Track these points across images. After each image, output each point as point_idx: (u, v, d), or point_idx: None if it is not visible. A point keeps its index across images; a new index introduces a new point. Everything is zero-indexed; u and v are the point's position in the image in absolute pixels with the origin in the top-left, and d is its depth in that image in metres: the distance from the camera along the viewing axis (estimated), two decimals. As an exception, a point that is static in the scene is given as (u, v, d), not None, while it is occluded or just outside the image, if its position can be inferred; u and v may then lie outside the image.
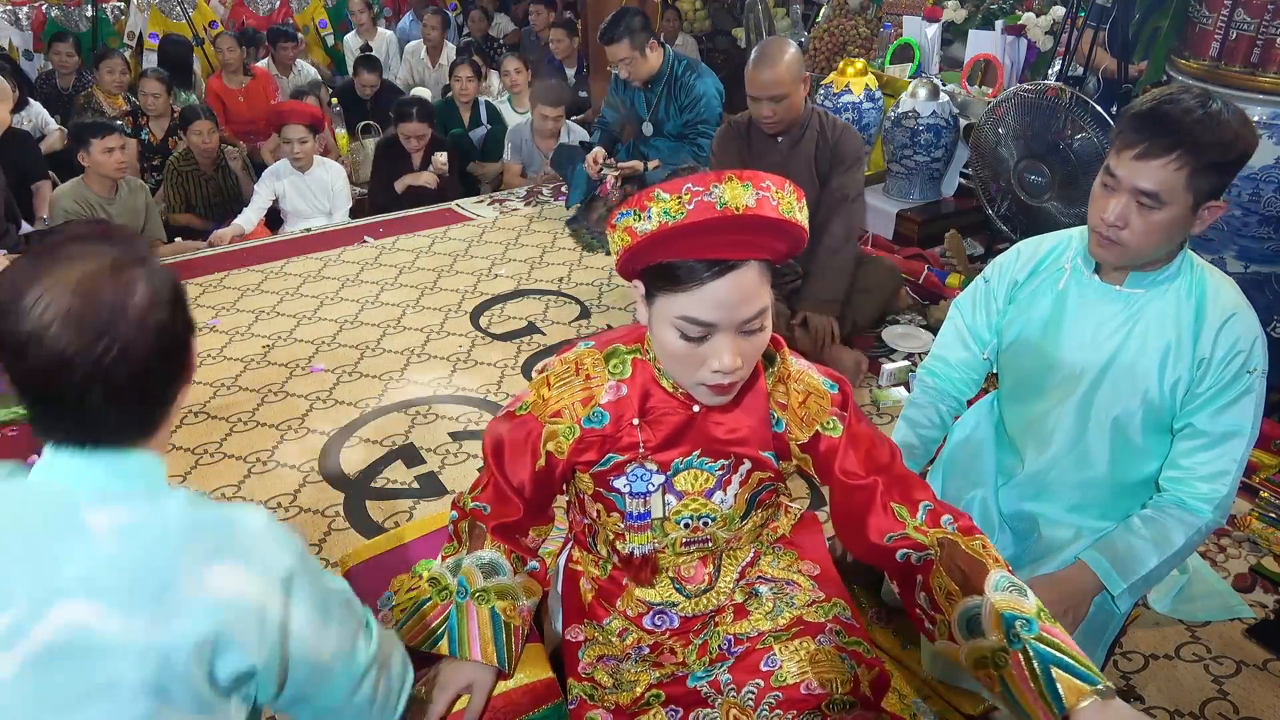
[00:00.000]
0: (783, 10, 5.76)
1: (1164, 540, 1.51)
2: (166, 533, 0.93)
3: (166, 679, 0.88)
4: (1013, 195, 3.34)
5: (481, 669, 1.29)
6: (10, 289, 0.90)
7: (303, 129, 4.24)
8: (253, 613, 0.93)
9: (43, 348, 0.88)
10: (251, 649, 0.93)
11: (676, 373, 1.19)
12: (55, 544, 0.90)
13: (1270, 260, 2.82)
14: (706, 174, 1.05)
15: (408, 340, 3.35)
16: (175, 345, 0.97)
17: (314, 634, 0.99)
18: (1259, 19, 2.67)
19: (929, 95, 3.86)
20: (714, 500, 1.30)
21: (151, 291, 0.93)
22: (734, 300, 1.08)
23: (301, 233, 4.39)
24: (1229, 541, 2.24)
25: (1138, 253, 1.49)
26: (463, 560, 1.34)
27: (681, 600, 1.39)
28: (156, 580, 0.90)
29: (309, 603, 0.98)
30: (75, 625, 0.87)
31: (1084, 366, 1.60)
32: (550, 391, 1.29)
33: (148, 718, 0.88)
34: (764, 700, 1.22)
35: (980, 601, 1.12)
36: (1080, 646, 1.50)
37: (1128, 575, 1.50)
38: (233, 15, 7.27)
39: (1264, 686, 1.85)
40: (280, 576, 0.96)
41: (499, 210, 4.61)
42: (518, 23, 7.69)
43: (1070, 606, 1.51)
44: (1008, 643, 1.08)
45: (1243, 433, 1.49)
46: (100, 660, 0.87)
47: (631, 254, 1.10)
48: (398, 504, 2.44)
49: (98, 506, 0.92)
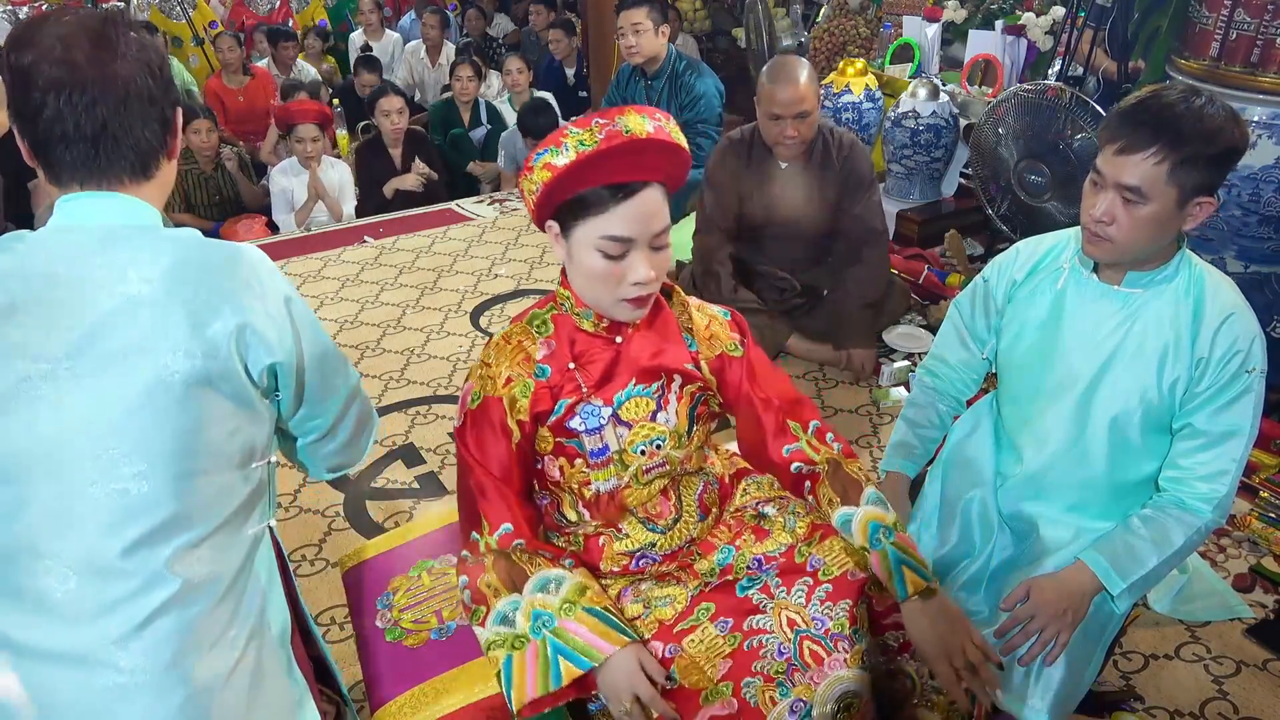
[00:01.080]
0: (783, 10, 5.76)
1: (1163, 540, 1.52)
2: (189, 255, 1.10)
3: (213, 369, 1.06)
4: (1013, 195, 3.34)
5: (625, 652, 1.26)
6: (24, 26, 1.08)
7: (314, 128, 4.25)
8: (270, 314, 1.12)
9: (46, 71, 1.04)
10: (274, 345, 1.12)
11: (598, 295, 1.32)
12: (97, 269, 1.06)
13: (1270, 260, 2.82)
14: (609, 109, 1.24)
15: (408, 340, 3.35)
16: (161, 89, 1.13)
17: (315, 340, 1.20)
18: (1259, 19, 2.67)
19: (929, 95, 3.86)
20: (659, 421, 1.39)
21: (137, 38, 1.11)
22: (645, 215, 1.25)
23: (302, 233, 4.39)
24: (1229, 541, 2.24)
25: (1127, 249, 1.49)
26: (517, 602, 1.29)
27: (657, 538, 1.43)
28: (190, 289, 1.07)
29: (306, 317, 1.19)
30: (122, 337, 1.04)
31: (1082, 366, 1.60)
32: (492, 368, 1.36)
33: (202, 408, 1.07)
34: (814, 595, 1.34)
35: (854, 511, 1.36)
36: (1080, 646, 1.53)
37: (1127, 575, 1.50)
38: (233, 15, 7.27)
39: (1264, 686, 1.85)
40: (283, 295, 1.16)
41: (499, 210, 4.61)
42: (517, 23, 7.69)
43: (1069, 606, 1.50)
44: (870, 545, 1.33)
45: (1242, 432, 1.50)
46: (154, 358, 1.04)
47: (550, 189, 1.24)
48: (398, 504, 2.44)
49: (121, 240, 1.08)
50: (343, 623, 2.01)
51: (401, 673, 1.41)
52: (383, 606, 1.54)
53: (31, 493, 1.03)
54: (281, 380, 1.17)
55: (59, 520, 1.04)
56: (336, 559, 2.10)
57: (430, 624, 1.48)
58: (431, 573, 1.59)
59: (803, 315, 3.04)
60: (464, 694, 1.36)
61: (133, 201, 1.12)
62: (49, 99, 1.05)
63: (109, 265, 1.06)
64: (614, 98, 4.10)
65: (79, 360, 1.03)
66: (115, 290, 1.05)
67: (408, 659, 1.43)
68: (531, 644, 1.25)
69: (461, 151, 5.14)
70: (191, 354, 1.05)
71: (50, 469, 1.03)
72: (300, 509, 2.42)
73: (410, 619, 1.50)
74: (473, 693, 1.36)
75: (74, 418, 1.03)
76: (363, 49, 6.66)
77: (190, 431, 1.06)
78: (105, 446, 1.03)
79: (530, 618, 1.26)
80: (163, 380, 1.04)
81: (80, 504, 1.03)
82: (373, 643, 1.48)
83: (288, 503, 2.45)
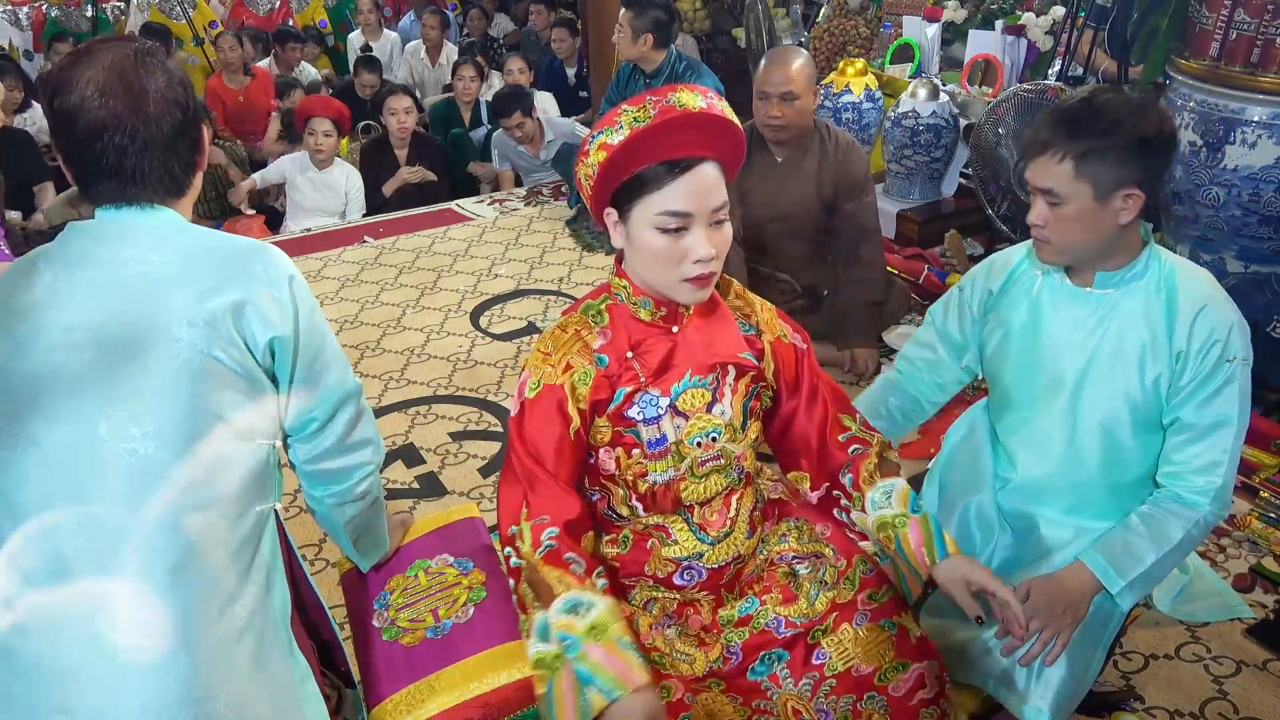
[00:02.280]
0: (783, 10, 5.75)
1: (1162, 536, 1.52)
2: (209, 243, 1.21)
3: (215, 340, 1.14)
4: (1013, 195, 3.34)
5: (650, 694, 1.22)
6: (60, 70, 1.17)
7: (329, 123, 4.26)
8: (274, 296, 1.19)
9: (88, 115, 1.14)
10: (274, 321, 1.19)
11: (659, 277, 1.32)
12: (126, 249, 1.17)
13: (1270, 260, 2.81)
14: (661, 88, 1.26)
15: (408, 340, 3.35)
16: (190, 119, 1.22)
17: (314, 323, 1.26)
18: (1259, 19, 2.66)
19: (929, 95, 3.85)
20: (715, 413, 1.39)
21: (168, 73, 1.20)
22: (703, 190, 1.26)
23: (301, 233, 4.39)
24: (1229, 541, 2.24)
25: (1067, 250, 1.53)
26: (548, 619, 1.25)
27: (706, 549, 1.43)
28: (204, 270, 1.17)
29: (308, 299, 1.26)
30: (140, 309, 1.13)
31: (1065, 370, 1.61)
32: (552, 357, 1.36)
33: (207, 376, 1.14)
34: (820, 689, 1.36)
35: (895, 481, 1.43)
36: (1081, 646, 1.54)
37: (1126, 573, 1.51)
38: (233, 15, 7.27)
39: (1264, 686, 1.85)
40: (286, 274, 1.23)
41: (499, 210, 4.61)
42: (518, 23, 7.69)
43: (1068, 606, 1.50)
44: (909, 511, 1.39)
45: (1230, 422, 1.49)
46: (165, 329, 1.12)
47: (607, 168, 1.26)
48: (398, 504, 2.44)
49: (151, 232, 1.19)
50: (342, 622, 2.01)
51: (397, 671, 1.41)
52: (380, 606, 1.54)
53: (45, 450, 1.09)
54: (279, 357, 1.22)
55: (70, 477, 1.09)
56: (336, 559, 2.10)
57: (426, 623, 1.48)
58: (428, 572, 1.59)
59: (803, 316, 3.04)
60: (458, 692, 1.36)
61: (165, 212, 1.22)
62: (92, 140, 1.15)
63: (136, 246, 1.17)
64: (614, 97, 4.09)
65: (99, 330, 1.12)
66: (138, 270, 1.15)
67: (403, 657, 1.43)
68: (567, 664, 1.21)
69: (462, 151, 5.14)
70: (194, 323, 1.13)
71: (64, 428, 1.10)
72: (301, 509, 2.42)
73: (406, 618, 1.50)
74: (467, 690, 1.37)
75: (90, 379, 1.10)
76: (362, 49, 6.66)
77: (197, 397, 1.13)
78: (117, 407, 1.10)
79: (559, 640, 1.22)
80: (172, 348, 1.12)
81: (92, 461, 1.09)
82: (370, 641, 1.48)
83: (288, 502, 2.45)
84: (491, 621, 1.48)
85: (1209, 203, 2.81)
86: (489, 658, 1.41)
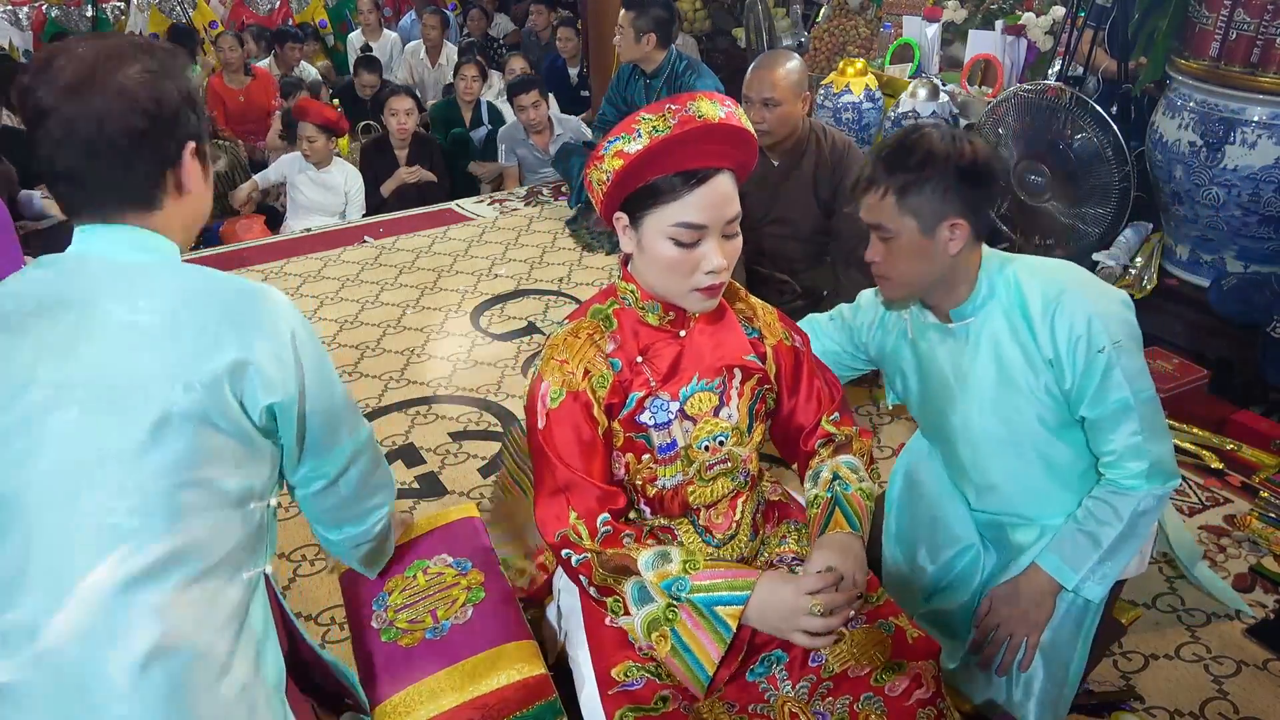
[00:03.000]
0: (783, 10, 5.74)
1: (1109, 521, 1.53)
2: (200, 288, 1.10)
3: (211, 405, 1.04)
4: (1013, 195, 3.34)
5: (768, 578, 1.28)
6: (43, 52, 1.08)
7: (313, 128, 4.28)
8: (276, 354, 1.10)
9: (34, 103, 1.04)
10: (275, 384, 1.10)
11: (671, 285, 1.31)
12: (107, 298, 1.06)
13: (1270, 260, 2.81)
14: (679, 95, 1.24)
15: (408, 340, 3.35)
16: (152, 125, 1.07)
17: (322, 383, 1.18)
18: (1259, 19, 2.66)
19: (929, 95, 3.85)
20: (722, 417, 1.40)
21: (138, 73, 1.06)
22: (719, 201, 1.25)
23: (301, 233, 4.39)
24: (1229, 541, 2.24)
25: (905, 284, 1.54)
26: (643, 580, 1.28)
27: (711, 550, 1.44)
28: (197, 323, 1.06)
29: (316, 359, 1.17)
30: (127, 367, 1.03)
31: (967, 404, 1.61)
32: (571, 364, 1.34)
33: (200, 444, 1.05)
34: (817, 690, 1.35)
35: (826, 464, 1.46)
36: (1057, 645, 1.56)
37: (1078, 567, 1.53)
38: (233, 15, 7.28)
39: (1264, 686, 1.85)
40: (290, 327, 1.13)
41: (499, 210, 4.61)
42: (518, 23, 7.69)
43: (1028, 609, 1.54)
44: (825, 493, 1.42)
45: (1129, 405, 1.48)
46: (156, 391, 1.03)
47: (623, 176, 1.24)
48: (398, 504, 2.43)
49: (133, 273, 1.08)
50: (342, 623, 2.01)
51: (396, 673, 1.41)
52: (378, 607, 1.54)
53: (24, 521, 1.01)
54: (281, 421, 1.14)
55: (50, 551, 1.01)
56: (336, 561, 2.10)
57: (425, 624, 1.48)
58: (427, 573, 1.59)
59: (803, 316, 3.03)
60: (457, 693, 1.36)
61: (141, 234, 1.11)
62: (36, 130, 1.06)
63: (119, 295, 1.06)
64: (614, 97, 4.10)
65: (83, 390, 1.03)
66: (124, 320, 1.05)
67: (402, 659, 1.43)
68: (682, 607, 1.25)
69: (462, 152, 5.14)
70: (191, 387, 1.04)
71: (44, 498, 1.01)
72: (297, 510, 2.42)
73: (405, 619, 1.50)
74: (466, 692, 1.37)
75: (73, 447, 1.02)
76: (362, 49, 6.67)
77: (188, 467, 1.04)
78: (101, 477, 1.02)
79: (663, 591, 1.26)
80: (164, 413, 1.02)
81: (72, 535, 1.01)
82: (368, 643, 1.48)
83: (288, 503, 2.44)
84: (489, 623, 1.48)
85: (1209, 203, 2.81)
86: (488, 659, 1.41)
